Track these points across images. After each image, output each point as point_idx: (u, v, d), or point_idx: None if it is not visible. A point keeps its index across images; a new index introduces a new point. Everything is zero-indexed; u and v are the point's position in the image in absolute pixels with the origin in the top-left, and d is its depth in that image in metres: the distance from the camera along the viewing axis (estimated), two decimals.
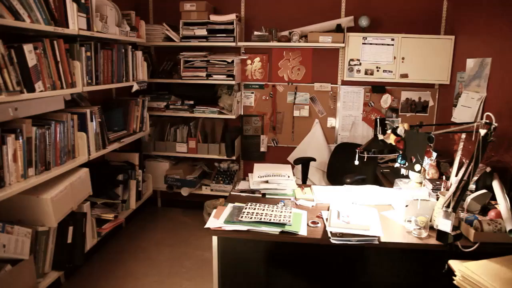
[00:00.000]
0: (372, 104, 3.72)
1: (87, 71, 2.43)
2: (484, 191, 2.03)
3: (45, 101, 2.16)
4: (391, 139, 1.97)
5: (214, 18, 3.41)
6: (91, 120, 2.49)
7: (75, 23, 2.25)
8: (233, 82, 3.53)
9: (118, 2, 2.84)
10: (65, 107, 2.39)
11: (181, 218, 3.87)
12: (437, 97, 3.60)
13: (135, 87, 3.06)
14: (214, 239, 1.90)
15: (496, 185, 2.06)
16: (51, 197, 2.05)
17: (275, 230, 1.82)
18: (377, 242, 1.75)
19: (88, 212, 2.47)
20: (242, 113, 3.89)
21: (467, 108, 2.78)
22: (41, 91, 1.99)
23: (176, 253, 3.16)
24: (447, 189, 2.05)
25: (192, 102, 3.65)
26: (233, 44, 3.45)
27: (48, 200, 2.04)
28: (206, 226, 1.88)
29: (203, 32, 3.43)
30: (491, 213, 1.90)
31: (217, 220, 1.93)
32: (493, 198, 2.02)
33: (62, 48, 2.16)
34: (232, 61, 3.47)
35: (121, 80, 2.90)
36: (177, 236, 3.47)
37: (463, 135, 2.01)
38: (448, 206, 1.67)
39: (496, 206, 1.98)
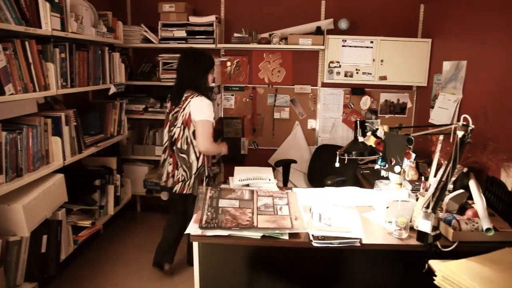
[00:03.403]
0: (352, 106, 3.76)
1: (61, 73, 2.35)
2: (461, 191, 2.07)
3: (16, 104, 2.07)
4: (371, 141, 1.98)
5: (193, 19, 3.37)
6: (66, 124, 2.41)
7: (48, 23, 2.17)
8: (213, 84, 3.49)
9: (94, 2, 2.76)
10: (39, 111, 2.30)
11: (161, 222, 3.78)
12: (415, 98, 3.67)
13: (113, 89, 2.99)
14: (195, 244, 1.87)
15: (472, 184, 2.10)
16: (23, 205, 1.97)
17: (257, 234, 1.80)
18: (359, 244, 1.76)
19: (63, 220, 2.38)
20: (222, 116, 3.86)
21: (444, 110, 2.84)
22: (12, 94, 1.91)
23: None
24: (426, 190, 2.09)
25: None
26: (213, 46, 3.42)
27: (20, 208, 1.95)
28: (186, 232, 1.84)
29: (182, 33, 3.38)
30: (469, 213, 1.94)
31: (197, 225, 1.89)
32: (470, 197, 2.07)
33: (34, 49, 2.08)
34: None
35: (98, 82, 2.82)
36: (157, 241, 3.37)
37: (441, 137, 2.04)
38: (427, 207, 1.69)
39: (473, 205, 2.02)
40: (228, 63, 3.76)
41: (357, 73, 3.44)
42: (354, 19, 3.52)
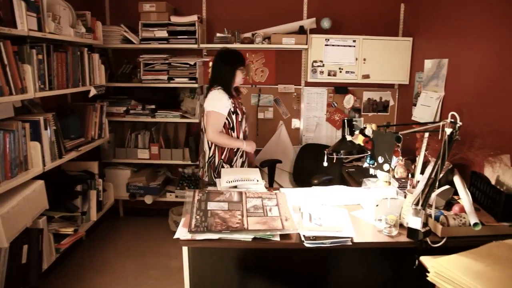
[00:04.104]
0: (335, 104, 3.78)
1: (39, 75, 2.26)
2: (447, 186, 2.10)
3: None
4: (359, 140, 1.98)
5: (175, 19, 3.31)
6: (45, 128, 2.32)
7: (24, 23, 2.08)
8: (196, 85, 3.45)
9: (71, 2, 2.67)
10: (15, 115, 2.21)
11: (145, 226, 3.72)
12: (397, 96, 3.72)
13: (93, 91, 2.90)
14: (185, 249, 1.82)
15: (457, 180, 2.14)
16: (1, 214, 1.87)
17: (248, 237, 1.77)
18: (351, 243, 1.75)
19: (44, 228, 2.29)
20: None
21: (427, 107, 2.88)
22: None
23: (141, 263, 3.03)
24: (413, 187, 2.11)
25: (153, 107, 3.51)
26: (195, 46, 3.37)
27: None
28: (176, 236, 1.79)
29: (163, 33, 3.32)
30: (455, 208, 1.97)
31: (186, 229, 1.85)
32: (455, 193, 2.10)
33: (10, 50, 1.99)
34: (195, 64, 3.39)
35: (77, 84, 2.73)
36: (142, 245, 3.33)
37: (426, 134, 2.06)
38: (417, 204, 1.70)
39: (459, 200, 2.05)
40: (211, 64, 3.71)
41: (340, 72, 3.46)
42: (336, 19, 3.54)
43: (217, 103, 2.52)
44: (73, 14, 2.66)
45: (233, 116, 2.59)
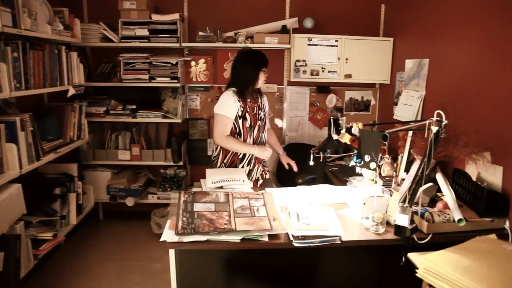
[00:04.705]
0: (318, 104, 3.80)
1: (14, 74, 2.16)
2: (430, 184, 2.14)
3: None
4: (346, 139, 1.99)
5: (156, 17, 3.25)
6: (22, 129, 2.22)
7: None
8: (177, 85, 3.40)
9: None
10: None
11: (126, 229, 3.64)
12: (378, 96, 3.77)
13: (71, 91, 2.81)
14: (171, 252, 1.78)
15: (439, 178, 2.19)
16: None
17: (236, 238, 1.75)
18: (339, 242, 1.76)
19: (22, 234, 2.19)
20: (187, 117, 3.76)
21: (408, 106, 2.93)
22: None
23: (123, 267, 2.95)
24: (398, 185, 2.13)
25: (134, 107, 3.43)
26: (176, 45, 3.32)
27: None
28: (162, 239, 1.75)
29: (144, 32, 3.25)
30: (439, 205, 2.01)
31: (173, 231, 1.81)
32: (438, 190, 2.15)
33: None
34: (177, 63, 3.34)
35: (55, 84, 2.63)
36: (123, 249, 3.25)
37: (410, 132, 2.09)
38: (404, 201, 1.72)
39: (442, 197, 2.09)
40: (193, 63, 3.67)
41: (323, 71, 3.48)
42: (318, 18, 3.55)
43: (224, 106, 2.46)
44: (50, 11, 2.56)
45: (240, 121, 2.49)
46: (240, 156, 2.56)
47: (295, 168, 2.78)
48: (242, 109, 2.47)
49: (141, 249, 3.24)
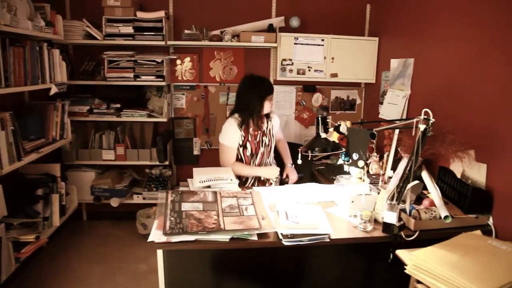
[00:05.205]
0: (304, 103, 3.81)
1: None
2: (416, 181, 2.17)
3: None
4: (334, 137, 2.00)
5: (141, 15, 3.19)
6: (2, 129, 2.16)
7: None
8: (163, 83, 3.36)
9: None
10: None
11: (111, 230, 3.58)
12: (363, 95, 3.81)
13: (54, 89, 2.74)
14: (159, 252, 1.76)
15: (425, 175, 2.22)
16: None
17: (225, 237, 1.74)
18: (328, 240, 1.76)
19: (3, 236, 2.13)
20: (173, 116, 3.72)
21: (394, 105, 2.97)
22: None
23: (108, 269, 2.90)
24: (385, 183, 2.16)
25: (118, 105, 3.37)
26: (162, 43, 3.27)
27: None
28: (150, 239, 1.72)
29: (129, 29, 3.19)
30: (425, 202, 2.03)
31: (160, 231, 1.78)
32: (424, 187, 2.18)
33: None
34: (162, 61, 3.30)
35: (36, 82, 2.56)
36: (108, 250, 3.19)
37: (397, 131, 2.12)
38: (392, 199, 1.74)
39: (428, 195, 2.12)
40: (178, 61, 3.63)
41: (309, 70, 3.49)
42: (305, 17, 3.57)
43: (226, 136, 2.49)
44: (30, 6, 2.48)
45: (241, 149, 2.52)
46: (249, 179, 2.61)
47: (290, 182, 2.75)
48: (243, 138, 2.48)
49: (126, 250, 3.18)
